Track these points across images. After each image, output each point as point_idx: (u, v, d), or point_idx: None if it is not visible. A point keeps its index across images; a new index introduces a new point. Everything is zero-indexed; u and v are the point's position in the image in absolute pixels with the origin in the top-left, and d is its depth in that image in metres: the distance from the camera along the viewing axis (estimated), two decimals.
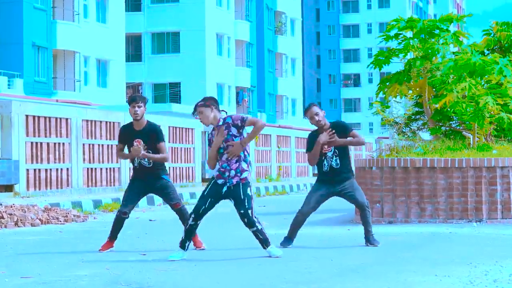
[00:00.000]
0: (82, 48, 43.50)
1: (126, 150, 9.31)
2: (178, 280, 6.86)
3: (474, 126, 13.55)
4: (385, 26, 58.06)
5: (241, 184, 8.26)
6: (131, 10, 54.48)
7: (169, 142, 23.22)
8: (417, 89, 15.03)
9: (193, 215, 8.27)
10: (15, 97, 31.52)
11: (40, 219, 12.83)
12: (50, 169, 18.27)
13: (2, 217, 12.44)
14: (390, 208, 12.20)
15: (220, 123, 8.26)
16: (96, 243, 9.88)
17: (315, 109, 9.19)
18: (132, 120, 9.17)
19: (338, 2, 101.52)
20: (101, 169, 20.04)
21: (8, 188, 17.03)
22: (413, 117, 17.58)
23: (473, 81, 13.15)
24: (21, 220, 12.54)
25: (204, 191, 8.34)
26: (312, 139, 9.29)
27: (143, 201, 17.86)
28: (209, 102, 8.24)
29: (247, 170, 8.28)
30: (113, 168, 20.54)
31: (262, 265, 7.68)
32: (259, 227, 8.28)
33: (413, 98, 16.49)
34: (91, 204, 16.14)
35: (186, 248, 8.34)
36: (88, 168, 19.52)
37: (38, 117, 17.97)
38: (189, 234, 8.34)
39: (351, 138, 9.21)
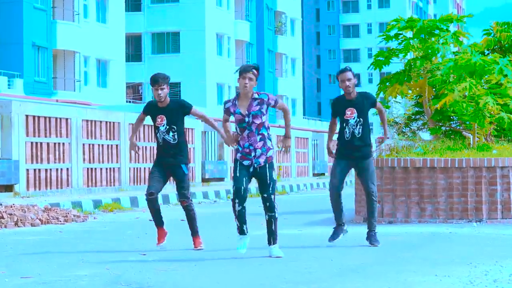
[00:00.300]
0: (82, 48, 43.51)
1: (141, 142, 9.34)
2: (178, 280, 6.85)
3: (474, 126, 13.55)
4: (385, 26, 57.93)
5: (267, 165, 8.19)
6: (131, 10, 54.51)
7: None
8: (417, 89, 15.04)
9: (237, 201, 8.13)
10: (15, 97, 31.53)
11: (40, 219, 12.83)
12: (50, 169, 18.27)
13: (2, 217, 12.44)
14: (390, 208, 12.19)
15: (256, 96, 8.18)
16: (96, 243, 9.88)
17: (349, 74, 9.23)
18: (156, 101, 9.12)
19: (338, 2, 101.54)
20: (101, 169, 20.04)
21: (8, 188, 17.03)
22: (413, 117, 17.60)
23: (473, 81, 13.15)
24: (21, 220, 12.53)
25: (235, 174, 8.20)
26: (335, 105, 9.40)
27: (143, 201, 17.85)
28: (257, 77, 8.25)
29: (271, 148, 8.25)
30: (113, 168, 20.54)
31: (262, 265, 7.68)
32: (277, 215, 8.27)
33: (413, 98, 16.50)
34: (91, 204, 16.14)
35: (246, 231, 8.26)
36: (88, 168, 19.52)
37: (38, 117, 17.97)
38: (242, 219, 8.21)
39: (378, 112, 9.61)
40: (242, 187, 8.14)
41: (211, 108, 50.15)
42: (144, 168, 22.04)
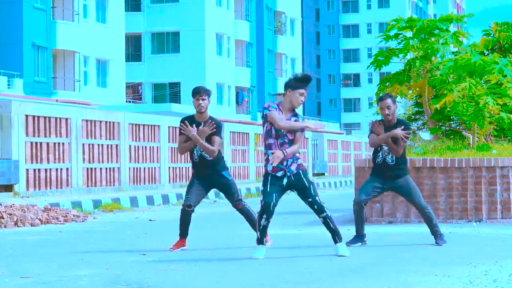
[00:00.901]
0: (82, 48, 43.50)
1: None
2: (178, 280, 6.85)
3: (474, 126, 13.55)
4: (385, 26, 58.07)
5: (301, 171, 8.18)
6: (131, 10, 54.49)
7: (168, 142, 23.22)
8: (417, 89, 15.04)
9: (264, 216, 8.10)
10: (15, 97, 31.52)
11: (40, 219, 12.83)
12: (50, 169, 18.27)
13: (2, 217, 12.44)
14: (390, 208, 12.19)
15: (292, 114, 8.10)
16: (96, 243, 9.88)
17: (389, 101, 9.03)
18: (193, 113, 9.11)
19: (338, 2, 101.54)
20: (100, 169, 20.04)
21: (8, 188, 17.03)
22: (413, 117, 17.60)
23: (473, 81, 13.16)
24: (21, 220, 12.53)
25: (265, 188, 8.12)
26: (374, 127, 9.16)
27: (142, 201, 17.87)
28: None
29: (300, 158, 8.24)
30: (113, 168, 20.54)
31: (262, 265, 7.68)
32: (329, 213, 8.25)
33: (413, 98, 16.50)
34: (91, 204, 16.14)
35: (265, 243, 8.25)
36: (87, 168, 19.52)
37: (38, 117, 17.97)
38: (264, 232, 8.21)
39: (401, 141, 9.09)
40: (272, 203, 8.11)
41: (210, 108, 50.06)
42: (144, 168, 22.04)
